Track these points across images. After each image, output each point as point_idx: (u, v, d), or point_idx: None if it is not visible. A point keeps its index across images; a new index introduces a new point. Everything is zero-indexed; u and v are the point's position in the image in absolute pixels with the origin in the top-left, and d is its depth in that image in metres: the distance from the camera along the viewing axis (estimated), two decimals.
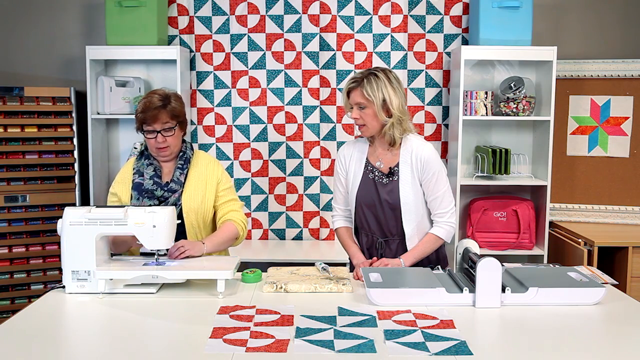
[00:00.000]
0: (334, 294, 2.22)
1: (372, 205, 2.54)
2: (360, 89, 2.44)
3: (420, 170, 2.49)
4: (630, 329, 1.91)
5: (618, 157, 4.02)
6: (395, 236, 2.55)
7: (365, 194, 2.55)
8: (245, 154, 4.08)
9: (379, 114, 2.44)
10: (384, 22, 3.99)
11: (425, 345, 1.74)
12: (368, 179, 2.55)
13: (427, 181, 2.49)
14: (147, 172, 2.54)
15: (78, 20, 4.11)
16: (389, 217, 2.53)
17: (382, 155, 2.56)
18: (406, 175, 2.49)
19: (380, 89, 2.42)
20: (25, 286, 3.78)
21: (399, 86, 2.47)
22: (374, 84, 2.42)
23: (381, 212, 2.53)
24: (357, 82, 2.46)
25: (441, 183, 2.50)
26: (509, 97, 3.83)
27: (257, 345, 1.73)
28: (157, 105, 2.46)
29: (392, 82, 2.45)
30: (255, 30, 3.99)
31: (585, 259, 3.54)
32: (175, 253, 2.35)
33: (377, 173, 2.54)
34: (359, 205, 2.57)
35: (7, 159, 3.71)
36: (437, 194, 2.50)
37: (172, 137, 2.50)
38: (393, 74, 2.49)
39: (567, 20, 4.12)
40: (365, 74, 2.46)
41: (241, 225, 2.60)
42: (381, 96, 2.42)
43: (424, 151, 2.49)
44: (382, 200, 2.52)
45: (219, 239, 2.52)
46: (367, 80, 2.43)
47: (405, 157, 2.50)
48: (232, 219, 2.59)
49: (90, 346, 1.80)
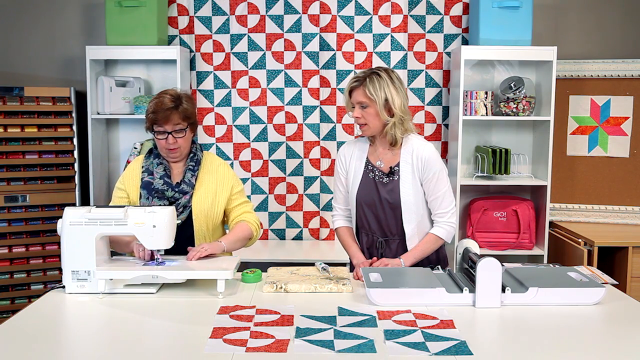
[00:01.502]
0: (334, 294, 2.22)
1: (372, 205, 2.54)
2: (363, 88, 2.45)
3: (421, 170, 2.49)
4: (630, 329, 1.91)
5: (618, 157, 4.02)
6: (396, 236, 2.55)
7: (365, 193, 2.55)
8: (245, 154, 4.08)
9: (381, 113, 2.44)
10: (384, 22, 3.99)
11: (425, 345, 1.74)
12: (368, 179, 2.55)
13: (428, 181, 2.49)
14: (157, 172, 2.52)
15: (78, 20, 4.11)
16: (389, 217, 2.53)
17: (383, 155, 2.56)
18: (407, 174, 2.49)
19: (382, 88, 2.42)
20: (25, 286, 3.78)
21: (401, 86, 2.48)
22: (376, 83, 2.43)
23: (381, 211, 2.53)
24: (359, 81, 2.46)
25: (442, 183, 2.50)
26: (509, 97, 3.83)
27: (257, 345, 1.73)
28: (169, 106, 2.44)
29: (395, 82, 2.45)
30: (255, 30, 3.99)
31: (585, 259, 3.54)
32: (196, 255, 2.33)
33: (377, 172, 2.54)
34: (360, 205, 2.57)
35: (7, 159, 3.71)
36: (438, 194, 2.50)
37: (182, 138, 2.49)
38: (395, 73, 2.49)
39: (567, 20, 4.12)
40: (368, 73, 2.46)
41: (255, 225, 2.61)
42: (383, 95, 2.43)
43: (424, 151, 2.49)
44: (383, 200, 2.52)
45: (235, 237, 2.52)
46: (370, 80, 2.44)
47: (406, 157, 2.50)
48: (246, 220, 2.59)
49: (90, 346, 1.80)
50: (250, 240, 2.62)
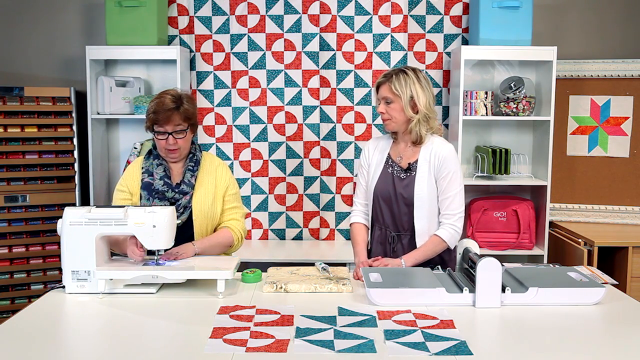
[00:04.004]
0: (334, 294, 2.22)
1: (388, 199, 2.58)
2: (389, 83, 2.52)
3: (437, 167, 2.53)
4: (630, 329, 1.91)
5: (618, 157, 4.02)
6: (407, 231, 2.57)
7: (382, 186, 2.59)
8: (245, 154, 4.08)
9: (406, 110, 2.50)
10: (384, 22, 3.99)
11: (425, 345, 1.74)
12: (387, 173, 2.60)
13: (442, 179, 2.53)
14: (157, 173, 2.52)
15: (78, 20, 4.11)
16: (402, 212, 2.56)
17: (404, 152, 2.61)
18: (423, 171, 2.54)
19: (408, 86, 2.50)
20: (25, 286, 3.78)
21: (428, 86, 2.55)
22: (402, 80, 2.50)
23: (396, 206, 2.57)
24: (386, 77, 2.54)
25: (455, 184, 2.53)
26: (509, 97, 3.83)
27: (257, 345, 1.73)
28: (170, 107, 2.44)
29: (421, 81, 2.53)
30: (255, 30, 3.99)
31: (585, 259, 3.54)
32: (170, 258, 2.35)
33: (396, 168, 2.59)
34: (376, 198, 2.62)
35: (7, 159, 3.71)
36: (449, 194, 2.53)
37: (183, 139, 2.49)
38: (423, 73, 2.56)
39: (567, 20, 4.12)
40: (396, 71, 2.54)
41: (238, 234, 2.58)
42: (409, 92, 2.49)
43: (443, 149, 2.55)
44: (398, 194, 2.55)
45: (210, 242, 2.51)
46: (396, 77, 2.51)
47: (425, 154, 2.55)
48: (230, 227, 2.58)
49: (90, 346, 1.80)
50: (231, 248, 2.59)
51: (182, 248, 2.41)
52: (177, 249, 2.39)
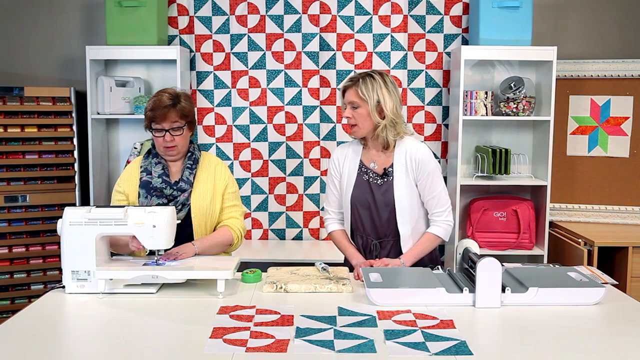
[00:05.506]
0: (334, 294, 2.22)
1: (367, 207, 2.55)
2: (355, 88, 2.47)
3: (416, 171, 2.50)
4: (630, 329, 1.91)
5: (618, 157, 4.02)
6: (390, 237, 2.55)
7: (360, 195, 2.55)
8: (245, 154, 4.08)
9: (372, 115, 2.46)
10: (384, 22, 3.99)
11: (425, 345, 1.74)
12: (362, 180, 2.56)
13: (423, 181, 2.50)
14: (156, 171, 2.53)
15: (78, 20, 4.11)
16: (384, 218, 2.53)
17: (376, 157, 2.57)
18: (400, 175, 2.50)
19: (375, 90, 2.45)
20: (25, 286, 3.78)
21: (395, 90, 2.50)
22: (369, 84, 2.46)
23: (376, 213, 2.54)
24: (352, 81, 2.49)
25: (437, 182, 2.52)
26: (509, 97, 3.83)
27: (257, 345, 1.73)
28: (166, 104, 2.46)
29: (388, 85, 2.48)
30: (255, 30, 3.99)
31: (585, 259, 3.54)
32: (170, 258, 2.35)
33: (371, 174, 2.55)
34: (355, 207, 2.58)
35: (7, 159, 3.71)
36: (434, 194, 2.51)
37: (180, 136, 2.50)
38: (390, 77, 2.52)
39: (567, 20, 4.12)
40: (362, 75, 2.49)
41: (237, 233, 2.58)
42: (375, 97, 2.45)
43: (418, 152, 2.50)
44: (378, 201, 2.52)
45: (210, 241, 2.51)
46: (363, 81, 2.47)
47: (400, 158, 2.51)
48: (229, 225, 2.58)
49: (90, 346, 1.80)
50: (231, 247, 2.60)
51: (182, 248, 2.41)
52: (177, 249, 2.39)
